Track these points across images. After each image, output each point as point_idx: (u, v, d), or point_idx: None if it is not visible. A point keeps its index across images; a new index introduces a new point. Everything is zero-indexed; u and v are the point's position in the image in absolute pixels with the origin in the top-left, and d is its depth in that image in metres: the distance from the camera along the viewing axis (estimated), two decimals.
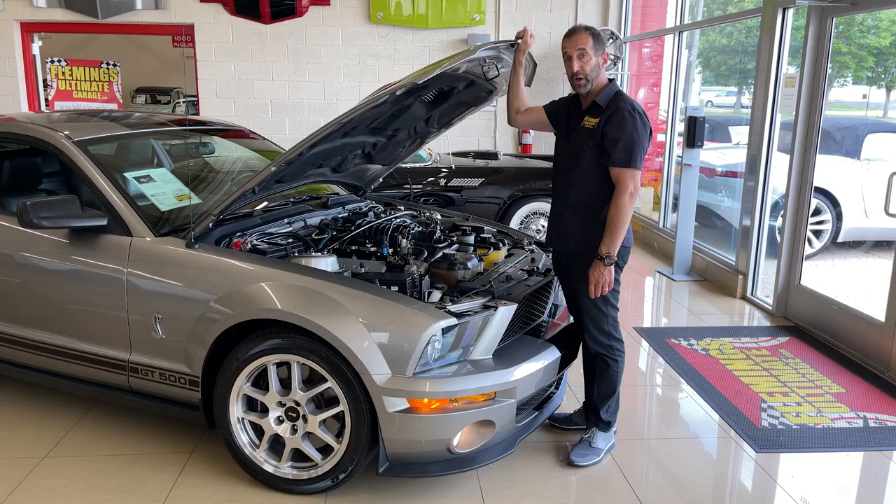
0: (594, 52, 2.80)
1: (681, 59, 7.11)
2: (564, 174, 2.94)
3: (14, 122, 3.39)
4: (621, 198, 2.77)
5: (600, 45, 2.82)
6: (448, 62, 2.73)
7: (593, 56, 2.80)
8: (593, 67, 2.81)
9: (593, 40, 2.80)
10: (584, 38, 2.80)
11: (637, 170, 2.77)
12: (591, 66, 2.81)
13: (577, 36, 2.82)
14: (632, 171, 2.76)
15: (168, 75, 16.05)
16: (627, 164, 2.75)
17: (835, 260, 6.67)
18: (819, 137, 4.78)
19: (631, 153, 2.75)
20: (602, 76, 2.87)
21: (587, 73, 2.81)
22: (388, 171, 4.10)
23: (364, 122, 3.18)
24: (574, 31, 2.84)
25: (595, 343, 2.99)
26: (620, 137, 2.75)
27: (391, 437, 2.53)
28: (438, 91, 3.32)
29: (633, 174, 2.77)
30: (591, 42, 2.79)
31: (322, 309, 2.55)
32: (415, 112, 3.38)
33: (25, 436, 3.21)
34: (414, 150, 3.93)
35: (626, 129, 2.75)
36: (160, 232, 2.93)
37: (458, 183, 6.28)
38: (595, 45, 2.80)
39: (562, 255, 2.99)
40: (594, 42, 2.80)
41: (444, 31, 8.28)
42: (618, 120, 2.76)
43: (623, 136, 2.75)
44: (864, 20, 7.10)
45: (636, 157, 2.76)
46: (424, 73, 2.70)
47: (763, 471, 3.04)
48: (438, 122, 3.68)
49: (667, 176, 7.26)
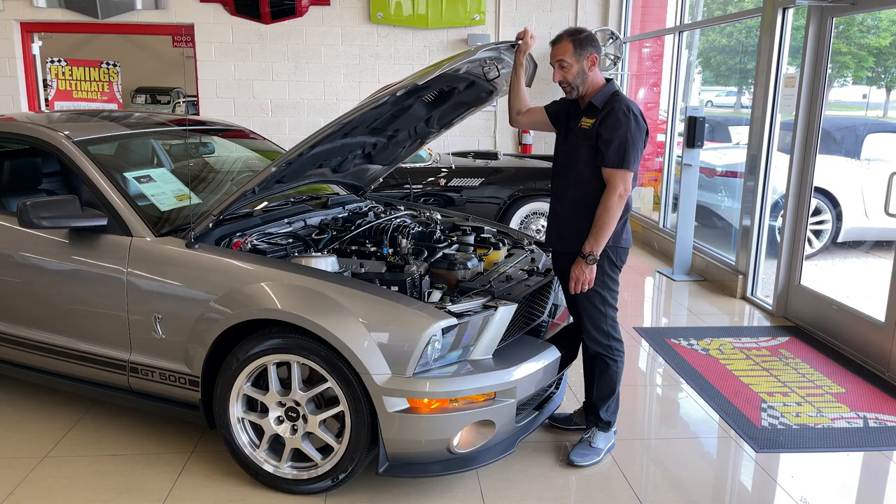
0: (576, 59, 2.81)
1: (681, 59, 7.11)
2: (563, 174, 2.94)
3: (14, 122, 3.39)
4: (610, 198, 2.77)
5: (584, 50, 2.81)
6: (448, 63, 2.73)
7: (575, 63, 2.81)
8: (576, 74, 2.83)
9: (574, 47, 2.80)
10: (563, 48, 2.82)
11: (628, 171, 2.77)
12: (573, 74, 2.82)
13: (557, 46, 2.84)
14: (623, 172, 2.76)
15: (168, 75, 16.06)
16: (619, 164, 2.76)
17: (835, 260, 6.67)
18: (819, 137, 4.78)
19: (624, 154, 2.75)
20: (596, 78, 2.87)
21: (570, 80, 2.84)
22: (388, 171, 4.10)
23: (364, 123, 3.18)
24: (556, 40, 2.87)
25: (594, 343, 2.99)
26: (614, 138, 2.75)
27: (391, 437, 2.53)
28: (439, 92, 3.32)
29: (625, 175, 2.77)
30: (572, 50, 2.80)
31: (322, 309, 2.55)
32: (415, 112, 3.38)
33: (25, 436, 3.21)
34: (414, 150, 3.94)
35: (619, 129, 2.75)
36: (160, 232, 2.93)
37: (458, 183, 6.28)
38: (576, 51, 2.80)
39: (561, 255, 2.99)
40: (575, 49, 2.80)
41: (444, 31, 8.28)
42: (612, 121, 2.76)
43: (617, 136, 2.75)
44: (864, 20, 7.10)
45: (629, 159, 2.76)
46: (425, 73, 2.71)
47: (763, 471, 3.04)
48: (439, 122, 3.69)
49: (667, 176, 7.26)
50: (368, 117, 3.08)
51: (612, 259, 2.90)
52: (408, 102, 3.20)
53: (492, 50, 2.95)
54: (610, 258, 2.89)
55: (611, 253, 2.88)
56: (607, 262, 2.89)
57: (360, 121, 2.98)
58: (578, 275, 2.84)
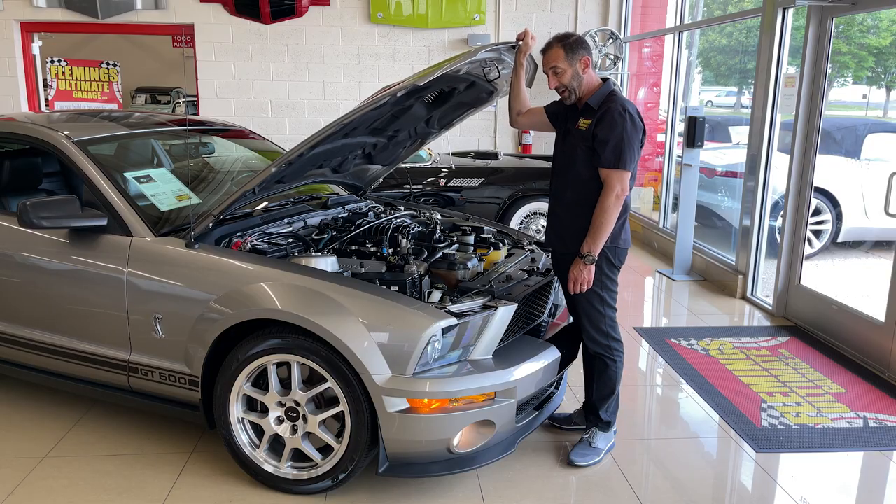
0: (569, 63, 2.82)
1: (681, 59, 7.11)
2: (561, 175, 2.95)
3: (14, 122, 3.38)
4: (607, 199, 2.77)
5: (575, 53, 2.83)
6: (449, 64, 2.73)
7: (568, 68, 2.83)
8: (571, 78, 2.84)
9: (565, 52, 2.82)
10: (554, 55, 2.84)
11: (625, 171, 2.77)
12: (568, 78, 2.84)
13: (549, 53, 2.86)
14: (619, 172, 2.76)
15: (168, 75, 16.06)
16: (615, 165, 2.76)
17: (835, 260, 6.67)
18: (819, 137, 4.78)
19: (619, 154, 2.75)
20: (591, 79, 2.88)
21: (567, 85, 2.85)
22: (388, 171, 4.11)
23: (364, 123, 3.18)
24: (545, 48, 2.89)
25: (593, 343, 2.99)
26: (610, 138, 2.75)
27: (391, 437, 2.53)
28: (439, 92, 3.32)
29: (621, 175, 2.77)
30: (563, 55, 2.82)
31: (322, 309, 2.55)
32: (415, 113, 3.38)
33: (25, 436, 3.21)
34: (414, 150, 3.94)
35: (615, 130, 2.75)
36: (160, 232, 2.93)
37: (458, 183, 6.28)
38: (568, 56, 2.82)
39: (560, 255, 2.99)
40: (566, 54, 2.82)
41: (444, 31, 8.28)
42: (608, 121, 2.76)
43: (612, 136, 2.75)
44: (864, 20, 7.10)
45: (625, 159, 2.76)
46: (425, 74, 2.71)
47: (763, 471, 3.04)
48: (439, 122, 3.69)
49: (667, 176, 7.25)
50: (369, 118, 3.08)
51: (611, 259, 2.90)
52: (408, 103, 3.20)
53: (492, 51, 2.96)
54: (608, 258, 2.89)
55: (609, 253, 2.88)
56: (606, 262, 2.89)
57: (360, 121, 2.98)
58: (577, 275, 2.84)
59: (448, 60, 2.78)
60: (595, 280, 2.87)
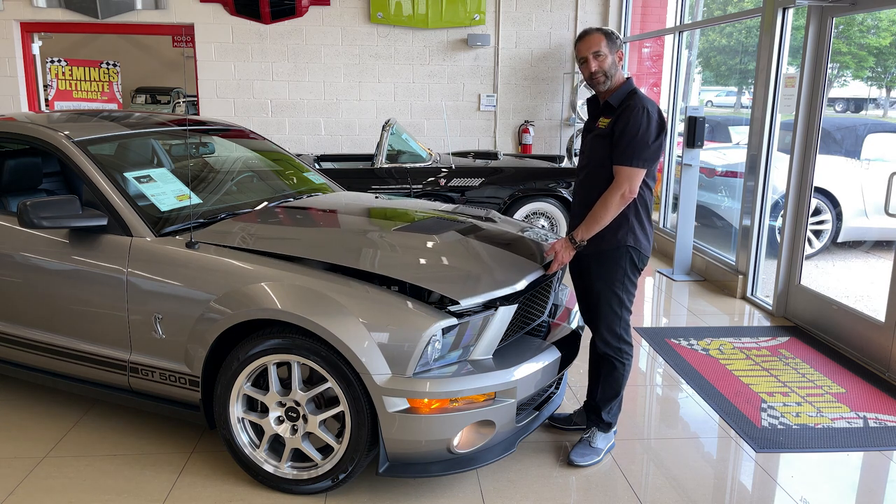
0: (609, 50, 2.84)
1: (681, 59, 7.11)
2: (585, 173, 2.96)
3: (14, 122, 3.38)
4: (612, 194, 2.77)
5: (614, 43, 2.86)
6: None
7: (609, 54, 2.84)
8: (611, 65, 2.85)
9: (607, 39, 2.84)
10: (596, 39, 2.84)
11: (637, 169, 2.75)
12: (608, 64, 2.84)
13: (590, 38, 2.86)
14: (630, 170, 2.75)
15: (168, 75, 16.08)
16: (628, 162, 2.75)
17: (835, 260, 6.67)
18: (819, 137, 4.78)
19: (633, 152, 2.75)
20: (621, 74, 2.90)
21: (606, 69, 2.84)
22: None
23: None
24: (587, 33, 2.88)
25: (604, 344, 2.99)
26: (625, 136, 2.75)
27: (391, 438, 2.53)
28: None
29: (631, 174, 2.76)
30: (605, 41, 2.83)
31: (322, 309, 2.55)
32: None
33: (25, 436, 3.21)
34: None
35: (632, 128, 2.75)
36: (160, 232, 2.93)
37: (458, 183, 6.28)
38: (609, 43, 2.84)
39: (581, 253, 2.98)
40: (608, 41, 2.84)
41: (444, 31, 8.28)
42: (625, 118, 2.77)
43: (627, 134, 2.75)
44: (864, 20, 7.10)
45: (638, 157, 2.75)
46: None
47: (763, 471, 3.04)
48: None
49: (667, 176, 7.26)
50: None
51: (635, 261, 2.90)
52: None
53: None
54: (633, 260, 2.89)
55: (634, 255, 2.88)
56: (630, 264, 2.89)
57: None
58: (559, 249, 2.89)
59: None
60: (616, 281, 2.87)
